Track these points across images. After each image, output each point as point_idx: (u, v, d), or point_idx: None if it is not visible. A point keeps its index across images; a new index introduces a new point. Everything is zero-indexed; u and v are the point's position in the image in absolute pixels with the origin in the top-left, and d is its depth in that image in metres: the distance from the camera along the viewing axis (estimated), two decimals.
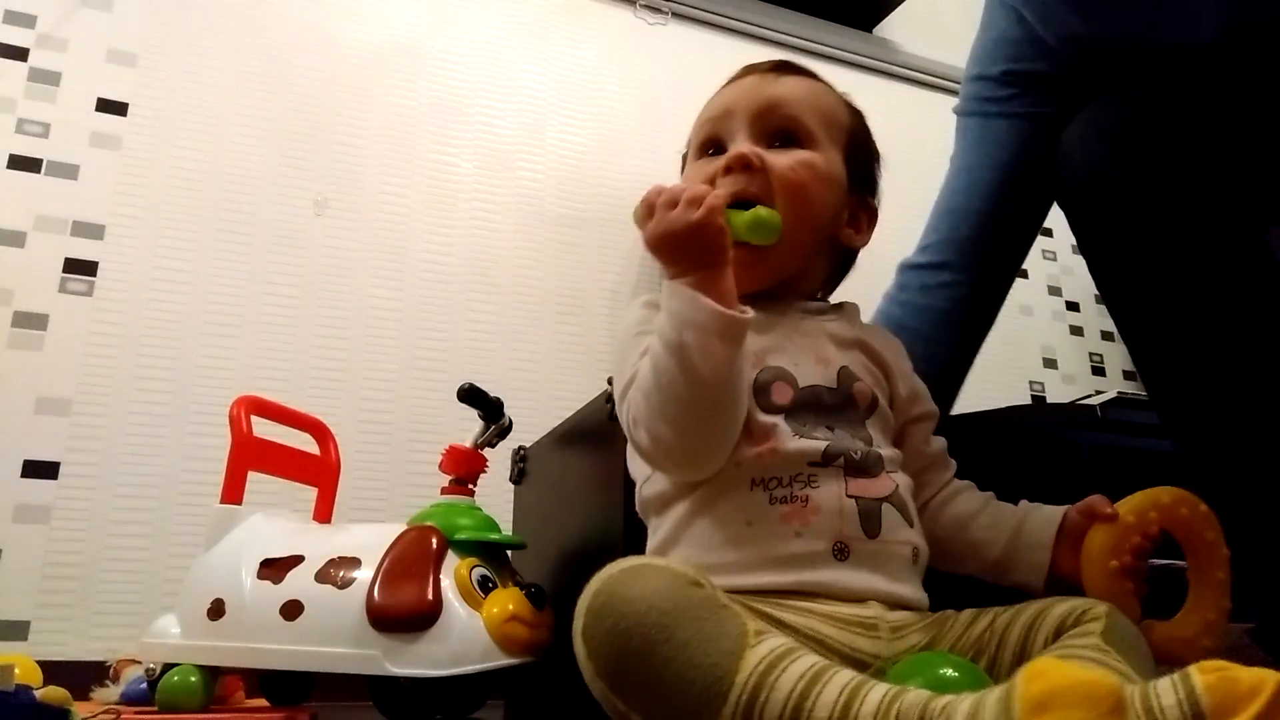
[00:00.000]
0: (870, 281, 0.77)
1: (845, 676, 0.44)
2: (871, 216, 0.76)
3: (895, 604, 0.58)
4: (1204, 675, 0.39)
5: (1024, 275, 2.28)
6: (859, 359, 0.68)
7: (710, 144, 0.72)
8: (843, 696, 0.43)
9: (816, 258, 0.73)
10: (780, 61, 0.76)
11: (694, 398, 0.57)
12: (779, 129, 0.69)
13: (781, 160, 0.67)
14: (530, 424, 1.28)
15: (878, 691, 0.43)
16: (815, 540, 0.58)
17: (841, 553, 0.58)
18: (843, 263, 0.78)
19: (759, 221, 0.63)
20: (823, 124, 0.71)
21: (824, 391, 0.64)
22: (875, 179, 0.78)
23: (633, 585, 0.50)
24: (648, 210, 0.59)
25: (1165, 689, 0.39)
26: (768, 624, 0.52)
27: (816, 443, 0.61)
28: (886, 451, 0.64)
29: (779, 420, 0.62)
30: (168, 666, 0.98)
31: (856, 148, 0.75)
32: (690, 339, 0.56)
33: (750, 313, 0.57)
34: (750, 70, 0.74)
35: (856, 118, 0.78)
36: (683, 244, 0.57)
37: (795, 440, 0.61)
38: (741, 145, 0.68)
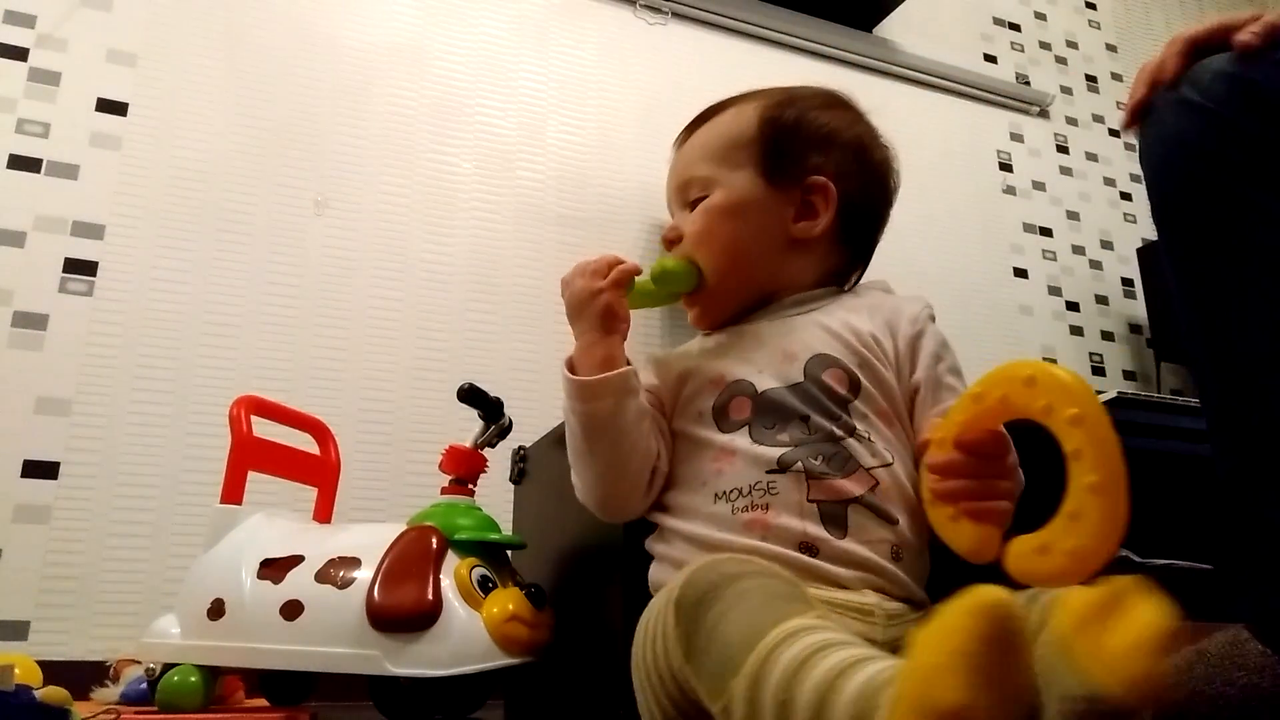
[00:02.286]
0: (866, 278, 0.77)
1: (852, 652, 0.43)
2: (824, 192, 0.74)
3: (889, 592, 0.59)
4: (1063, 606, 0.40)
5: (1024, 275, 2.28)
6: (847, 340, 0.67)
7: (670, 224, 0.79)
8: (830, 674, 0.42)
9: (785, 264, 0.74)
10: (692, 120, 0.80)
11: (580, 453, 0.68)
12: (691, 196, 0.76)
13: (688, 222, 0.74)
14: (530, 424, 1.28)
15: (866, 670, 0.42)
16: (779, 545, 0.60)
17: (811, 551, 0.59)
18: (843, 247, 0.77)
19: (664, 272, 0.72)
20: (720, 160, 0.75)
21: (786, 392, 0.65)
22: (807, 157, 0.75)
23: (730, 565, 0.52)
24: (569, 277, 0.69)
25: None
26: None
27: (774, 450, 0.62)
28: (876, 439, 0.64)
29: (738, 435, 0.64)
30: (168, 666, 0.98)
31: (773, 147, 0.74)
32: (566, 404, 0.68)
33: (623, 368, 0.66)
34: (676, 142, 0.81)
35: (767, 109, 0.76)
36: (579, 310, 0.69)
37: (754, 449, 0.63)
38: (669, 224, 0.77)
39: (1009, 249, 2.29)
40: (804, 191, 0.74)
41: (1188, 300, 0.74)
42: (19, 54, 1.55)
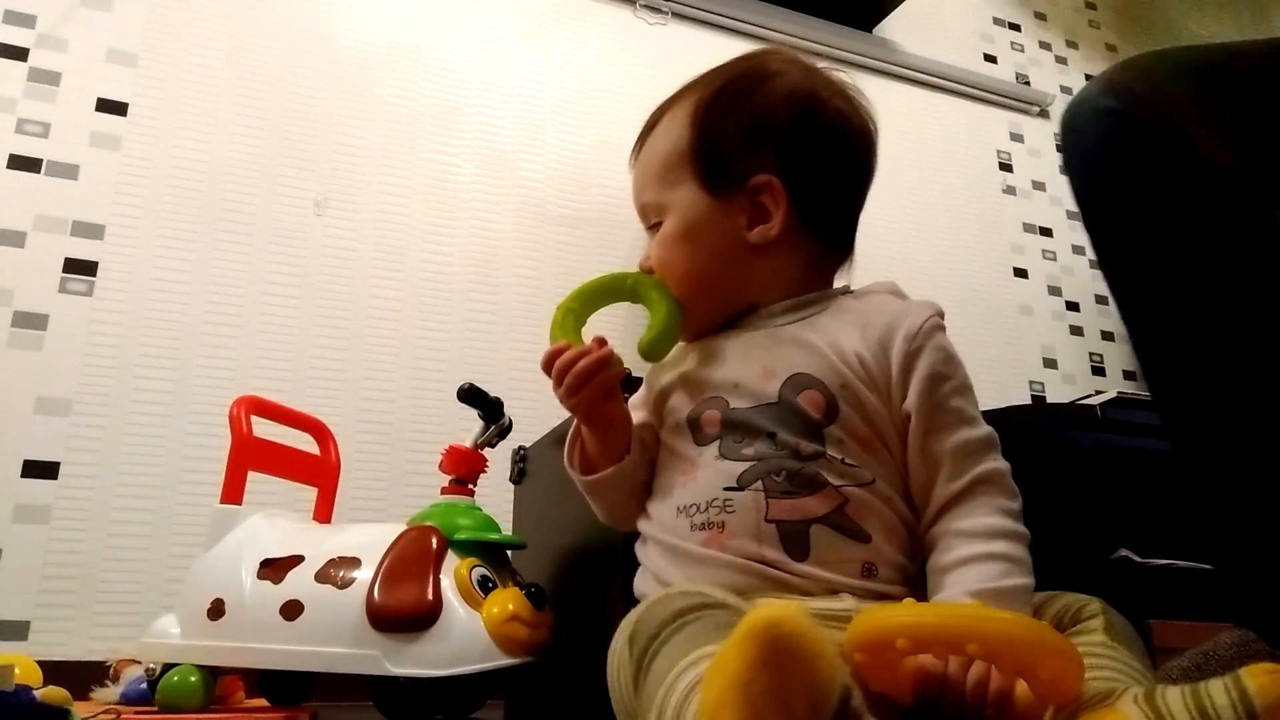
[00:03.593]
0: (865, 281, 0.75)
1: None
2: (770, 190, 0.68)
3: (866, 596, 0.57)
4: (1255, 678, 0.40)
5: (1024, 275, 2.28)
6: (831, 360, 0.63)
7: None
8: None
9: (752, 273, 0.69)
10: (640, 132, 0.77)
11: (583, 491, 0.72)
12: (649, 223, 0.75)
13: (654, 251, 0.73)
14: (530, 424, 1.28)
15: None
16: (735, 563, 0.58)
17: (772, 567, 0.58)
18: (812, 235, 0.70)
19: (650, 347, 0.71)
20: (662, 180, 0.72)
21: (753, 412, 0.62)
22: (743, 157, 0.69)
23: (675, 601, 0.52)
24: (548, 364, 0.68)
25: (1217, 690, 0.41)
26: None
27: (737, 465, 0.60)
28: (851, 460, 0.60)
29: (707, 449, 0.63)
30: (168, 666, 0.98)
31: (708, 155, 0.69)
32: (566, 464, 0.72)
33: (619, 465, 0.67)
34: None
35: (697, 126, 0.70)
36: (565, 406, 0.68)
37: (717, 464, 0.61)
38: (645, 254, 0.75)
39: (1009, 249, 2.29)
40: (750, 195, 0.68)
41: (1133, 310, 0.74)
42: (19, 54, 1.55)
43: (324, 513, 1.21)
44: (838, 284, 0.74)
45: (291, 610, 0.93)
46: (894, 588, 0.57)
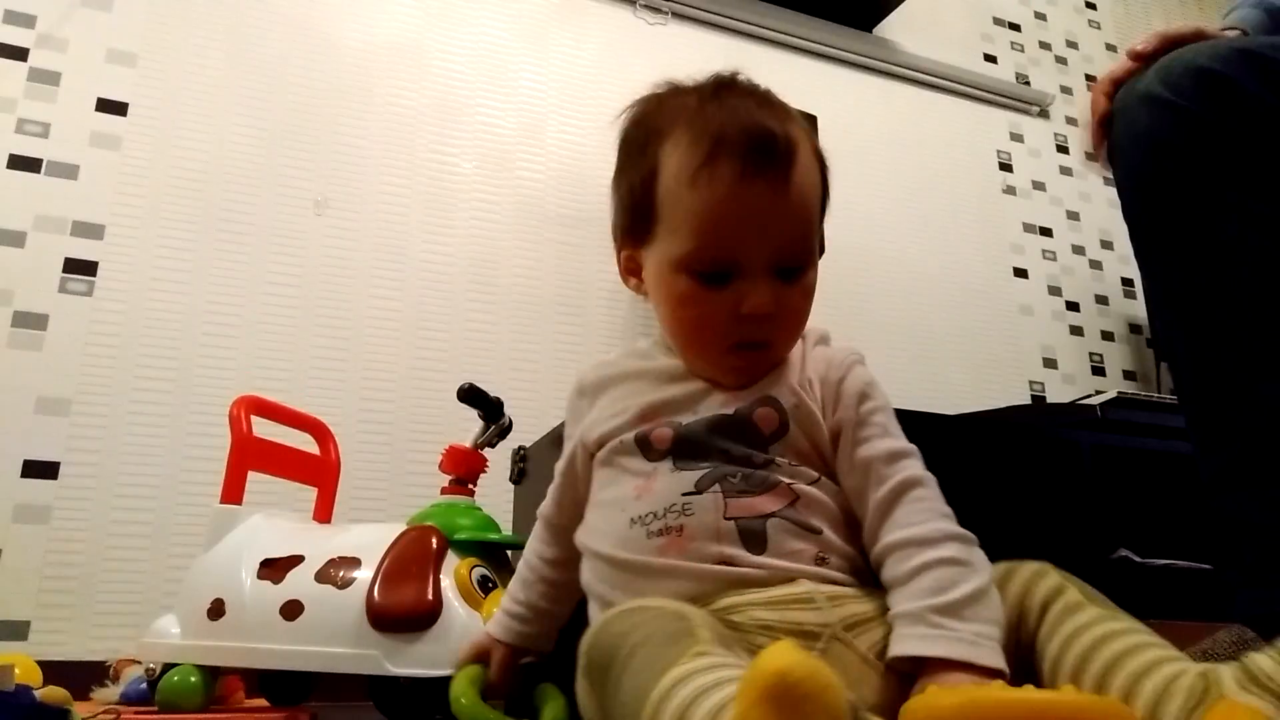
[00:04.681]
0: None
1: (731, 691, 0.43)
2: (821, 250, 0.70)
3: (821, 580, 0.58)
4: None
5: (1024, 275, 2.28)
6: (781, 383, 0.66)
7: (719, 264, 0.63)
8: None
9: None
10: (785, 144, 0.63)
11: None
12: (792, 262, 0.64)
13: (790, 300, 0.64)
14: (530, 424, 1.28)
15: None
16: (695, 564, 0.59)
17: (730, 564, 0.59)
18: None
19: None
20: (815, 227, 0.67)
21: (702, 428, 0.64)
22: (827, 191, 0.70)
23: (619, 623, 0.52)
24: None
25: (1263, 660, 0.44)
26: (731, 632, 0.53)
27: (693, 473, 0.62)
28: (796, 464, 0.62)
29: (660, 464, 0.64)
30: (168, 666, 0.98)
31: (826, 192, 0.69)
32: None
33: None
34: (760, 165, 0.62)
35: (818, 147, 0.68)
36: None
37: (671, 475, 0.62)
38: (764, 296, 0.63)
39: (1009, 249, 2.29)
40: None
41: (1164, 301, 0.74)
42: (19, 54, 1.55)
43: (324, 513, 1.20)
44: None
45: (291, 610, 0.93)
46: (844, 575, 0.59)
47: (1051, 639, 0.53)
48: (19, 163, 1.50)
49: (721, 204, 0.62)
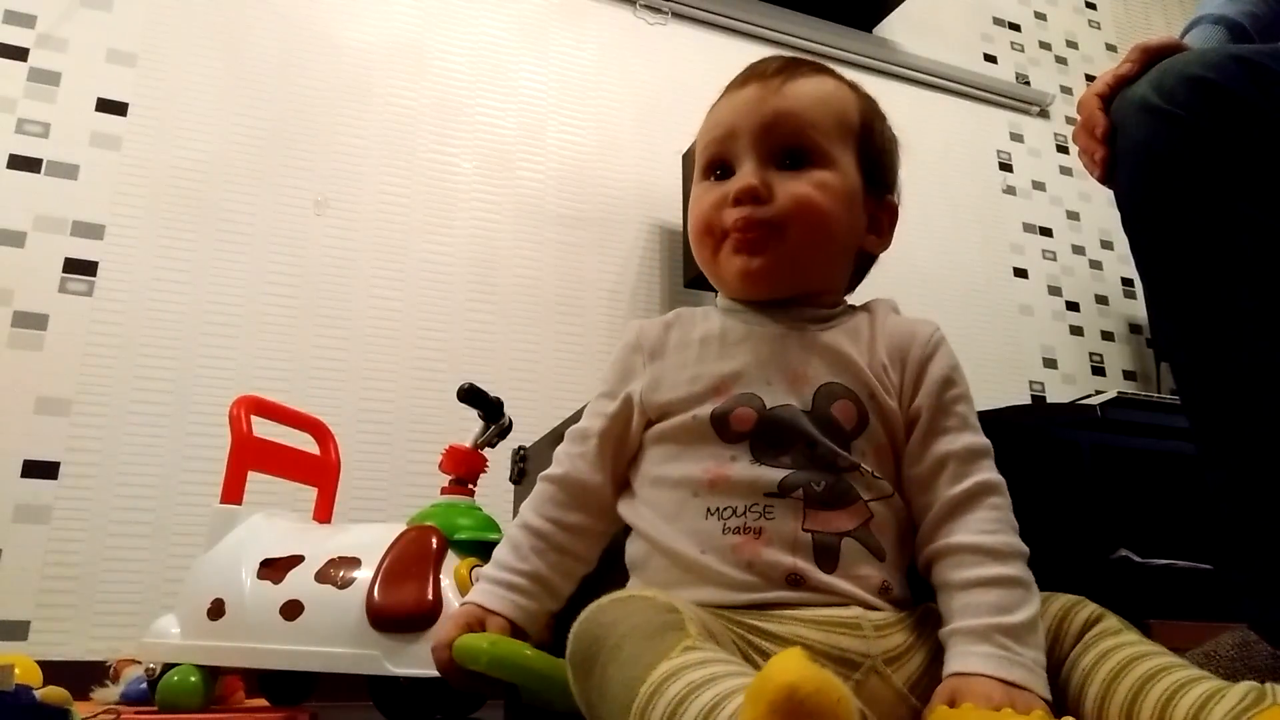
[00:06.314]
0: (864, 280, 0.75)
1: (721, 688, 0.43)
2: (891, 216, 0.71)
3: (875, 607, 0.57)
4: None
5: (1024, 275, 2.28)
6: (859, 368, 0.64)
7: (716, 165, 0.68)
8: (706, 706, 0.43)
9: (839, 270, 0.70)
10: (785, 62, 0.70)
11: None
12: (787, 147, 0.66)
13: (793, 186, 0.65)
14: (530, 424, 1.28)
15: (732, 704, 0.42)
16: (767, 571, 0.57)
17: (796, 583, 0.57)
18: (862, 266, 0.74)
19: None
20: (835, 133, 0.67)
21: (796, 414, 0.61)
22: (893, 173, 0.72)
23: (609, 612, 0.51)
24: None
25: None
26: (758, 636, 0.53)
27: (774, 472, 0.59)
28: (878, 472, 0.61)
29: (738, 449, 0.61)
30: (168, 666, 0.98)
31: (870, 146, 0.70)
32: None
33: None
34: (753, 76, 0.69)
35: (867, 111, 0.72)
36: None
37: (752, 469, 0.60)
38: (749, 174, 0.65)
39: (1009, 249, 2.30)
40: (878, 207, 0.70)
41: (1168, 311, 0.74)
42: (19, 54, 1.55)
43: (324, 513, 1.20)
44: None
45: (291, 610, 0.93)
46: (896, 614, 0.58)
47: (1085, 654, 0.53)
48: (19, 163, 1.50)
49: (717, 110, 0.70)
